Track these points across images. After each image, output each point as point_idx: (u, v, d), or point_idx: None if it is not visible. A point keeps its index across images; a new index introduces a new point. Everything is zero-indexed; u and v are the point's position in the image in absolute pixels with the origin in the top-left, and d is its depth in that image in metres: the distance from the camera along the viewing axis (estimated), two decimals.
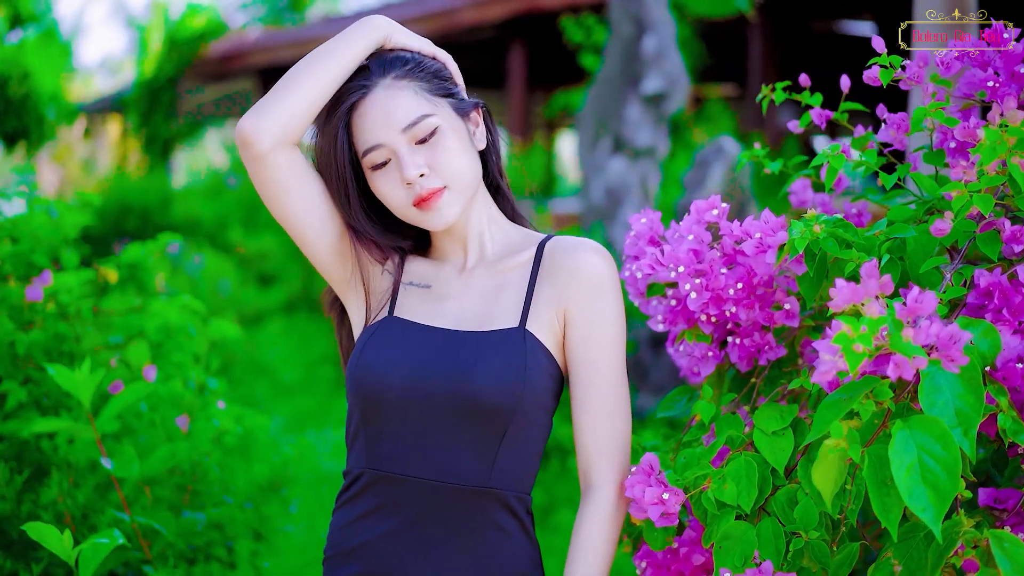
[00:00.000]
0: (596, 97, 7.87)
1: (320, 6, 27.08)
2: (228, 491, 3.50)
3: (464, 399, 2.12)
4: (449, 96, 2.24)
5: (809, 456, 2.12)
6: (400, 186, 2.17)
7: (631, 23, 7.67)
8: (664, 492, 2.10)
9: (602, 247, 2.25)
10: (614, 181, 7.60)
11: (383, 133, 2.17)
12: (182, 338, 3.76)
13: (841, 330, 1.73)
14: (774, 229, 2.22)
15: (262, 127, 2.19)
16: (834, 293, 1.81)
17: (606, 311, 2.20)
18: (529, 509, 2.23)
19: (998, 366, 1.93)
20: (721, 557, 2.07)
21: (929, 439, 1.78)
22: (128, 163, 20.09)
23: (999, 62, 2.32)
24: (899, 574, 1.95)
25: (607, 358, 2.20)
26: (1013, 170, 1.93)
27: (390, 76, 2.19)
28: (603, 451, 2.19)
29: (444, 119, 2.20)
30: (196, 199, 13.56)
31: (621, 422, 2.21)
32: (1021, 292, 1.95)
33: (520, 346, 2.15)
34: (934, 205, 2.30)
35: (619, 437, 2.20)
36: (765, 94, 2.60)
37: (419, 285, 2.29)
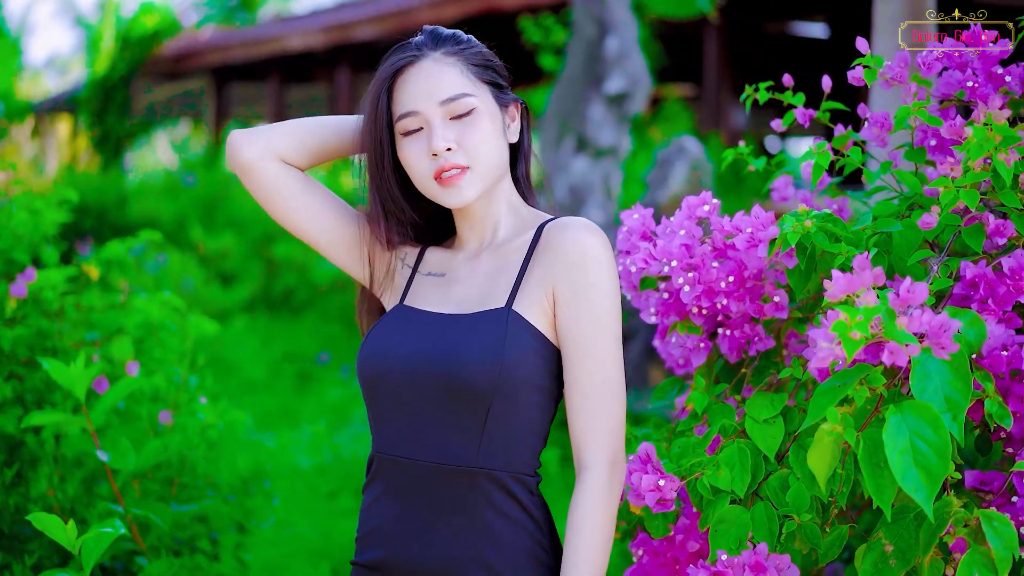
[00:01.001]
0: (559, 97, 7.93)
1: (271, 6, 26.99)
2: (213, 485, 3.55)
3: (446, 380, 2.17)
4: (493, 84, 2.29)
5: (800, 443, 2.20)
6: (426, 156, 2.23)
7: (593, 24, 7.75)
8: (660, 479, 2.17)
9: (594, 226, 2.23)
10: (577, 180, 7.67)
11: (421, 102, 2.22)
12: (163, 334, 3.80)
13: (838, 319, 1.81)
14: (764, 224, 2.29)
15: (246, 138, 2.37)
16: (829, 284, 1.89)
17: (593, 289, 2.18)
18: (533, 490, 2.22)
19: (984, 354, 2.02)
20: (717, 540, 2.15)
21: (921, 423, 1.86)
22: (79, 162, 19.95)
23: (977, 63, 2.42)
24: (890, 554, 2.03)
25: (594, 337, 2.17)
26: (999, 166, 2.02)
27: (441, 50, 2.25)
28: (593, 433, 2.16)
29: (483, 103, 2.25)
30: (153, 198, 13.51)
31: (612, 403, 2.17)
32: (1005, 283, 2.04)
33: (500, 326, 2.18)
34: (916, 201, 2.39)
35: (610, 419, 2.17)
36: (749, 94, 2.67)
37: (435, 274, 2.34)
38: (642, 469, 2.20)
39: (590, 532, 2.13)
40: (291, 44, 17.81)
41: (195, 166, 15.81)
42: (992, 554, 1.89)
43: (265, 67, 19.70)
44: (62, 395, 3.26)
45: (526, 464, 2.21)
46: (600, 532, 2.13)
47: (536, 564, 2.18)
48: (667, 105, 11.83)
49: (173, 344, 3.80)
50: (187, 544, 3.42)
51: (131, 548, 3.14)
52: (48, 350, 3.41)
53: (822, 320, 1.87)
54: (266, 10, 25.14)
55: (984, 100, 2.36)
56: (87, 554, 2.50)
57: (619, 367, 2.20)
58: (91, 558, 2.50)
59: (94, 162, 19.54)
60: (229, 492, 3.63)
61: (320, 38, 17.22)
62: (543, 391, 2.21)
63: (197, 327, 3.85)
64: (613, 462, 2.16)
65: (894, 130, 2.42)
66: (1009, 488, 2.08)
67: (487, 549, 2.17)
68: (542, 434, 2.24)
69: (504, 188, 2.34)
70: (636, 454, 2.21)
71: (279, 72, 19.56)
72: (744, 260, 2.34)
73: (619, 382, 2.19)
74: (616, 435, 2.17)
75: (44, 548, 3.08)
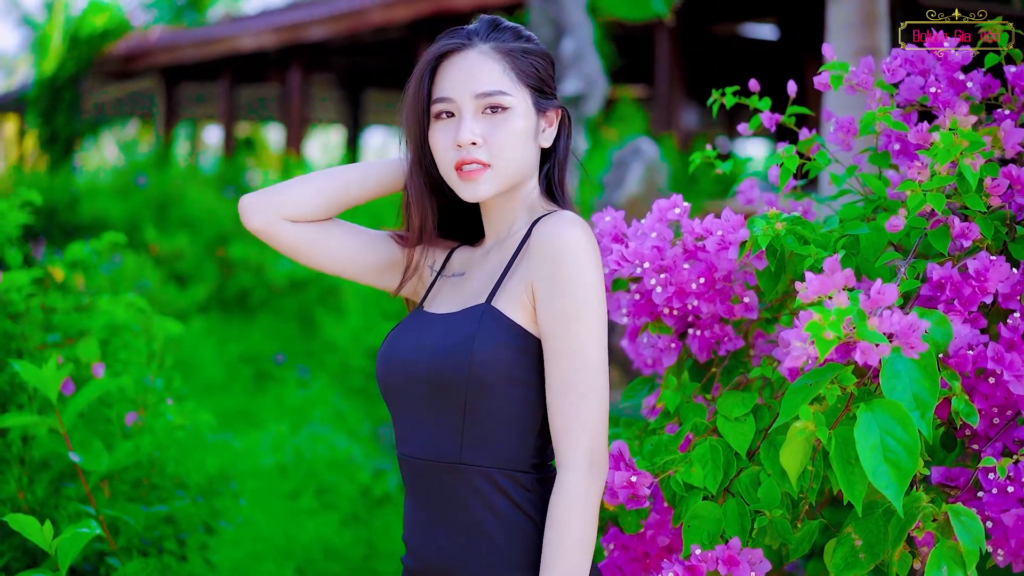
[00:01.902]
0: None
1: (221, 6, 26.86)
2: (180, 485, 3.56)
3: (427, 376, 2.20)
4: (535, 88, 2.29)
5: (770, 440, 2.25)
6: (451, 145, 2.24)
7: (550, 25, 7.79)
8: (632, 475, 2.21)
9: (578, 220, 2.19)
10: None
11: (459, 90, 2.24)
12: (127, 336, 3.80)
13: (812, 319, 1.85)
14: (735, 227, 2.34)
15: (255, 205, 2.39)
16: (801, 286, 1.94)
17: (567, 284, 2.13)
18: (528, 485, 2.18)
19: (950, 353, 2.08)
20: (690, 535, 2.19)
21: (890, 421, 1.91)
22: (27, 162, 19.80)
23: (940, 69, 2.47)
24: (859, 548, 2.08)
25: (569, 333, 2.13)
26: (965, 170, 2.08)
27: (490, 44, 2.25)
28: (569, 433, 2.11)
29: (519, 104, 2.25)
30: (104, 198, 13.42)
31: (591, 402, 2.12)
32: (971, 284, 2.10)
33: (473, 321, 2.19)
34: (881, 204, 2.45)
35: (588, 417, 2.12)
36: (716, 98, 2.71)
37: (456, 275, 2.36)
38: (615, 466, 2.24)
39: (567, 532, 2.09)
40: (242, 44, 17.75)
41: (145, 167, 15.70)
42: (960, 548, 1.94)
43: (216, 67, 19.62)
44: (27, 396, 3.25)
45: (516, 460, 2.19)
46: (577, 532, 2.09)
47: (531, 562, 2.16)
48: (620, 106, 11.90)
49: (138, 345, 3.80)
50: (154, 545, 3.42)
51: (101, 549, 3.14)
52: (12, 352, 3.41)
53: (794, 321, 1.91)
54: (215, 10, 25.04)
55: (947, 105, 2.42)
56: (63, 555, 2.51)
57: (598, 364, 2.14)
58: (67, 559, 2.51)
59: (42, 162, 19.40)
60: (196, 493, 3.64)
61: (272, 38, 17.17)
62: (526, 385, 2.18)
63: (161, 328, 3.86)
64: (592, 462, 2.11)
65: (860, 134, 2.47)
66: (975, 484, 2.14)
67: (481, 545, 2.17)
68: (532, 428, 2.19)
69: (526, 191, 2.32)
70: (609, 452, 2.25)
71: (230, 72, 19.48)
72: (714, 262, 2.39)
73: (598, 380, 2.13)
74: (595, 434, 2.12)
75: (13, 550, 3.08)
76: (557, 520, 2.10)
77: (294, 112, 17.88)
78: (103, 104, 21.39)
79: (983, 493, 2.08)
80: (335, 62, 19.67)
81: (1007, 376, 2.04)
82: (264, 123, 25.77)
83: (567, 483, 2.11)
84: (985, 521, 2.06)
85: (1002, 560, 2.10)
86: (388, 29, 16.11)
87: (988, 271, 2.09)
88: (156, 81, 21.13)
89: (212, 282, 10.76)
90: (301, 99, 17.88)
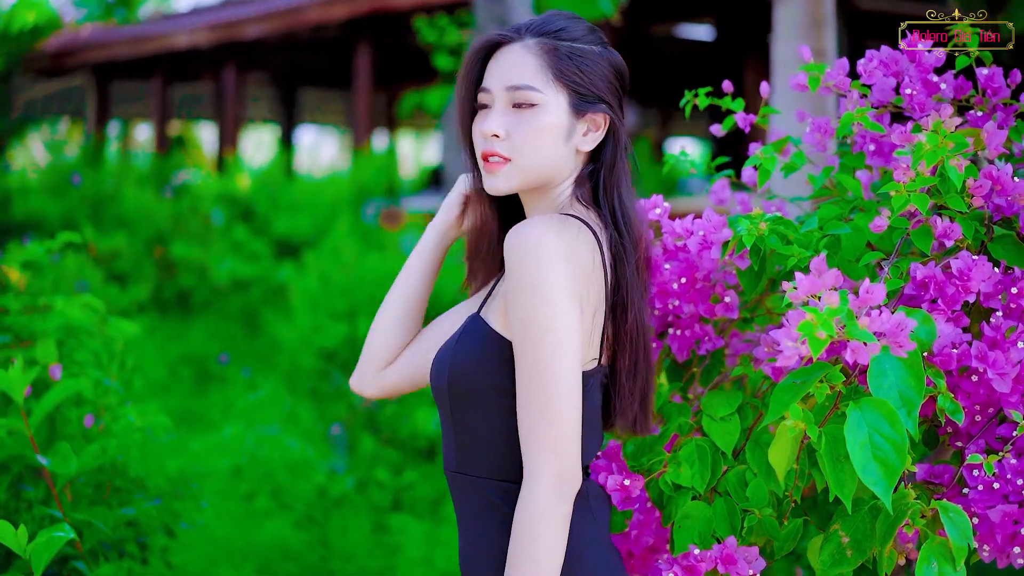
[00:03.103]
0: None
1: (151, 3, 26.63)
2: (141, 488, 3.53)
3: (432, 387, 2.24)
4: (574, 90, 2.21)
5: (755, 439, 2.27)
6: (480, 134, 2.21)
7: (496, 25, 7.79)
8: (626, 479, 2.22)
9: (550, 221, 2.11)
10: None
11: (495, 81, 2.20)
12: (83, 337, 3.76)
13: (805, 319, 1.87)
14: (716, 227, 2.36)
15: (360, 381, 2.45)
16: (789, 286, 1.95)
17: (518, 292, 2.07)
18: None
19: (935, 352, 2.10)
20: (682, 535, 2.21)
21: (879, 419, 1.93)
22: None
23: (913, 71, 2.50)
24: (846, 544, 2.10)
25: (530, 339, 2.05)
26: (951, 171, 2.10)
27: (534, 39, 2.21)
28: (533, 443, 2.05)
29: (550, 102, 2.19)
30: (38, 197, 13.27)
31: (555, 413, 2.04)
32: (954, 283, 2.12)
33: (460, 331, 2.19)
34: (858, 204, 2.47)
35: (550, 430, 2.04)
36: (688, 99, 2.73)
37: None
38: (607, 468, 2.25)
39: (529, 546, 2.01)
40: (176, 42, 17.61)
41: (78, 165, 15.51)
42: (950, 544, 1.96)
43: (149, 65, 19.46)
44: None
45: (509, 471, 2.15)
46: (541, 545, 2.01)
47: None
48: None
49: (93, 346, 3.77)
50: (115, 548, 3.39)
51: (65, 553, 3.10)
52: None
53: (783, 321, 1.93)
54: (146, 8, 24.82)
55: (922, 107, 2.45)
56: (37, 559, 2.48)
57: (562, 372, 2.05)
58: (41, 563, 2.48)
59: None
60: (156, 495, 3.61)
61: (207, 36, 17.05)
62: (511, 394, 2.12)
63: (116, 329, 3.82)
64: (559, 473, 2.03)
65: (837, 135, 2.50)
66: (959, 481, 2.17)
67: (487, 554, 2.14)
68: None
69: (556, 193, 2.25)
70: (603, 452, 2.26)
71: (163, 70, 19.32)
72: (696, 262, 2.41)
73: (562, 388, 2.04)
74: (560, 444, 2.03)
75: None
76: (521, 532, 2.02)
77: (228, 111, 17.77)
78: (34, 102, 21.13)
79: (968, 490, 2.11)
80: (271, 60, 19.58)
81: (991, 374, 2.07)
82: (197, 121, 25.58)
83: (531, 495, 2.03)
84: (971, 517, 2.09)
85: (987, 556, 2.13)
86: (325, 27, 16.05)
87: (971, 270, 2.12)
88: (87, 79, 20.90)
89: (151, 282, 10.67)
90: (236, 98, 17.77)
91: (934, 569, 1.98)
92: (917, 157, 2.13)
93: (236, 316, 10.11)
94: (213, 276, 10.47)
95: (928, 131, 2.16)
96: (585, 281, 2.10)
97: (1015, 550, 2.08)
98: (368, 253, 7.70)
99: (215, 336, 9.74)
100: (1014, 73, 2.52)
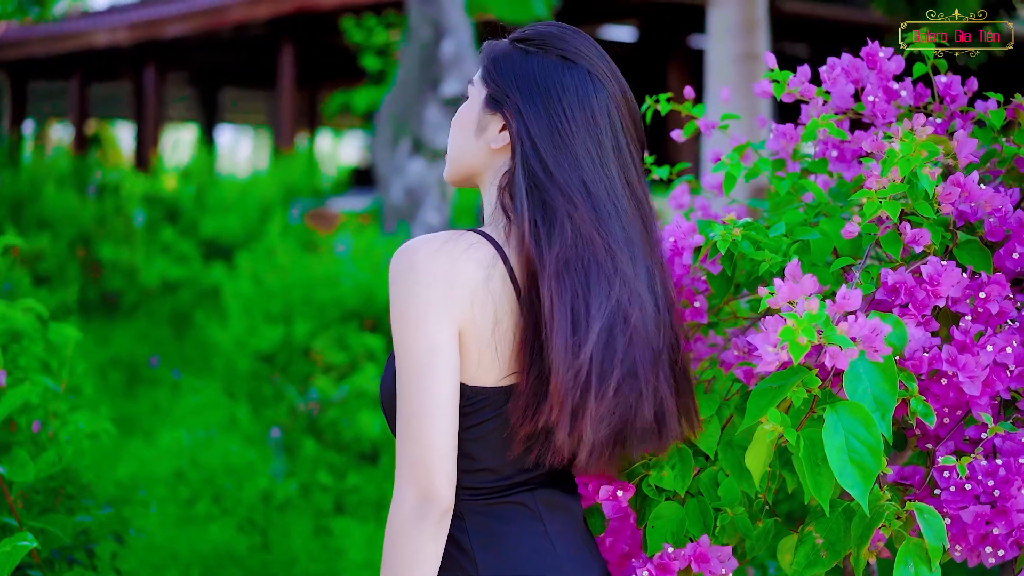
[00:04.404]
0: (394, 99, 7.96)
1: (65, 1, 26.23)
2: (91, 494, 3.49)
3: None
4: (490, 87, 2.20)
5: (727, 441, 2.30)
6: None
7: (429, 27, 7.80)
8: (618, 489, 2.25)
9: (407, 244, 2.11)
10: (414, 182, 7.72)
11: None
12: (26, 341, 3.71)
13: (786, 325, 1.90)
14: (686, 232, 2.38)
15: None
16: (764, 291, 1.98)
17: (391, 313, 2.09)
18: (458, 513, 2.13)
19: (906, 356, 2.14)
20: (655, 535, 2.23)
21: (854, 422, 1.96)
22: None
23: (874, 78, 2.55)
24: (820, 546, 2.14)
25: (396, 363, 2.08)
26: (923, 179, 2.14)
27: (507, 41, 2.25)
28: (399, 458, 2.06)
29: (473, 96, 2.23)
30: None
31: (409, 434, 2.03)
32: (924, 288, 2.16)
33: (391, 353, 2.16)
34: (822, 210, 2.51)
35: (406, 449, 2.03)
36: (649, 104, 2.75)
37: None
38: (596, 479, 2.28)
39: (388, 559, 2.05)
40: (96, 40, 17.40)
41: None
42: (925, 544, 2.00)
43: (67, 64, 19.21)
44: None
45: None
46: (396, 560, 2.04)
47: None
48: None
49: (37, 351, 3.72)
50: (63, 556, 3.35)
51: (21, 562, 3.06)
52: None
53: (761, 326, 1.96)
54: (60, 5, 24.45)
55: (884, 114, 2.49)
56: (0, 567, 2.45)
57: (411, 395, 2.04)
58: (5, 571, 2.45)
59: None
60: (105, 502, 3.58)
61: (126, 35, 16.87)
62: None
63: (59, 333, 3.77)
64: (421, 492, 2.02)
65: (802, 140, 2.53)
66: (930, 483, 2.21)
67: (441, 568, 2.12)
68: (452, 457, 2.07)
69: (488, 195, 2.23)
70: None
71: (82, 69, 19.07)
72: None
73: (416, 408, 2.03)
74: (419, 464, 2.02)
75: None
76: (384, 548, 2.06)
77: (148, 110, 17.60)
78: None
79: (940, 491, 2.15)
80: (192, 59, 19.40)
81: (962, 377, 2.11)
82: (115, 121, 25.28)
83: (393, 513, 2.05)
84: (943, 518, 2.13)
85: (959, 556, 2.17)
86: (248, 26, 15.94)
87: (941, 276, 2.16)
88: (2, 77, 20.58)
89: (75, 284, 10.52)
90: (156, 97, 17.59)
91: (911, 570, 2.01)
92: (890, 164, 2.17)
93: (165, 319, 10.00)
94: (143, 278, 10.34)
95: (900, 139, 2.20)
96: (464, 301, 2.05)
97: (986, 549, 2.12)
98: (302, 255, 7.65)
99: (144, 339, 9.62)
100: (971, 81, 2.58)
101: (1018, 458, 2.12)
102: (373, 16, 11.49)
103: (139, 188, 12.94)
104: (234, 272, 8.29)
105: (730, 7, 6.86)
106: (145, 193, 12.72)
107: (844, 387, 1.98)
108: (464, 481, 2.13)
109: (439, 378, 2.03)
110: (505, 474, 2.15)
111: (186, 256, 10.65)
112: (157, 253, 10.73)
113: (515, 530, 2.14)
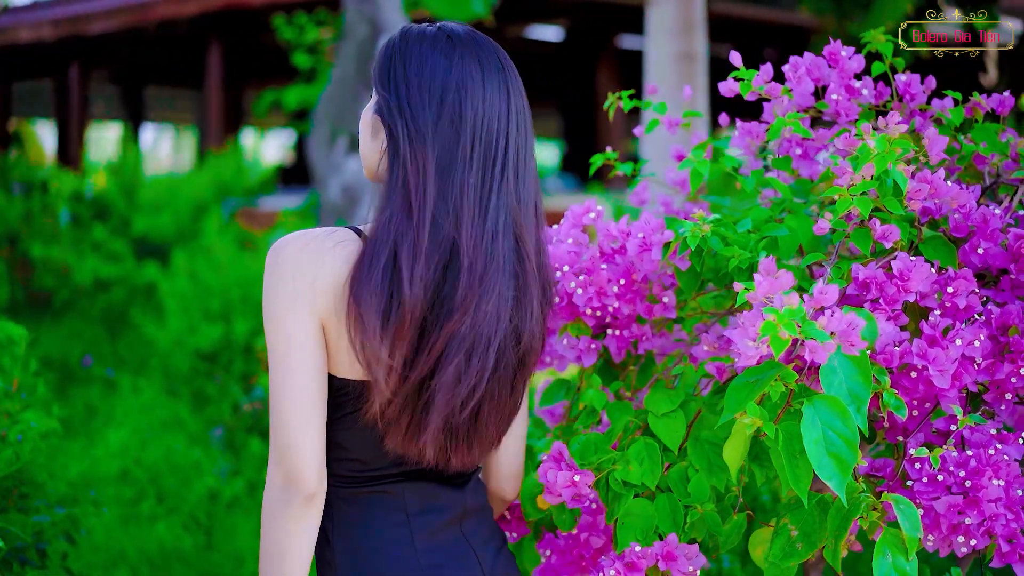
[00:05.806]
0: (331, 97, 7.92)
1: None
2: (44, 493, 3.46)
3: None
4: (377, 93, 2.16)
5: (696, 436, 2.32)
6: None
7: (366, 25, 7.76)
8: (575, 475, 2.25)
9: (288, 238, 2.13)
10: (351, 180, 7.68)
11: None
12: None
13: (767, 319, 1.92)
14: (655, 229, 2.40)
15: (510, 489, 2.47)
16: (740, 288, 2.00)
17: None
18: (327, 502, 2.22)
19: (878, 350, 2.17)
20: (624, 532, 2.24)
21: (831, 415, 1.99)
22: None
23: (835, 77, 2.58)
24: (796, 538, 2.16)
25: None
26: (897, 176, 2.18)
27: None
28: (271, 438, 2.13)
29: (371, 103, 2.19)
30: None
31: (275, 420, 2.09)
32: (895, 283, 2.20)
33: None
34: (787, 206, 2.54)
35: (273, 433, 2.09)
36: (612, 102, 2.77)
37: None
38: (556, 466, 2.27)
39: (262, 540, 2.13)
40: (18, 36, 17.12)
41: None
42: (902, 535, 2.03)
43: None
44: None
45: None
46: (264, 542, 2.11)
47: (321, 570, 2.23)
48: None
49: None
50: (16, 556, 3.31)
51: None
52: None
53: (738, 321, 1.98)
54: None
55: (847, 112, 2.53)
56: None
57: (277, 387, 2.09)
58: None
59: None
60: (56, 501, 3.54)
61: (49, 31, 16.63)
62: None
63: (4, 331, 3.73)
64: (286, 475, 2.07)
65: (768, 139, 2.56)
66: (901, 474, 2.24)
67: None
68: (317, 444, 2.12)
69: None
70: (549, 452, 2.28)
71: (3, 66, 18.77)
72: (635, 264, 2.45)
73: (277, 396, 2.09)
74: (283, 449, 2.08)
75: None
76: (260, 530, 2.14)
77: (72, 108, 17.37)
78: None
79: (912, 482, 2.18)
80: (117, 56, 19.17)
81: (932, 371, 2.14)
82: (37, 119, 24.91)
83: (265, 497, 2.11)
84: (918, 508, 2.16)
85: (931, 545, 2.21)
86: (174, 24, 15.79)
87: (911, 271, 2.19)
88: None
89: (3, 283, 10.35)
90: (80, 95, 17.37)
91: (888, 560, 2.04)
92: (863, 161, 2.20)
93: (99, 317, 9.86)
94: (75, 277, 10.20)
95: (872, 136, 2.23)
96: (327, 295, 2.07)
97: (959, 539, 2.16)
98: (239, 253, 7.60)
99: (76, 339, 9.49)
100: (929, 79, 2.62)
101: (987, 449, 2.16)
102: (304, 14, 11.42)
103: (66, 186, 12.76)
104: (169, 270, 8.21)
105: (668, 7, 6.90)
106: (73, 191, 12.55)
107: (820, 381, 2.01)
108: (336, 469, 2.19)
109: (299, 368, 2.07)
110: (375, 465, 2.20)
111: (118, 255, 10.52)
112: (88, 252, 10.59)
113: (373, 517, 2.20)
